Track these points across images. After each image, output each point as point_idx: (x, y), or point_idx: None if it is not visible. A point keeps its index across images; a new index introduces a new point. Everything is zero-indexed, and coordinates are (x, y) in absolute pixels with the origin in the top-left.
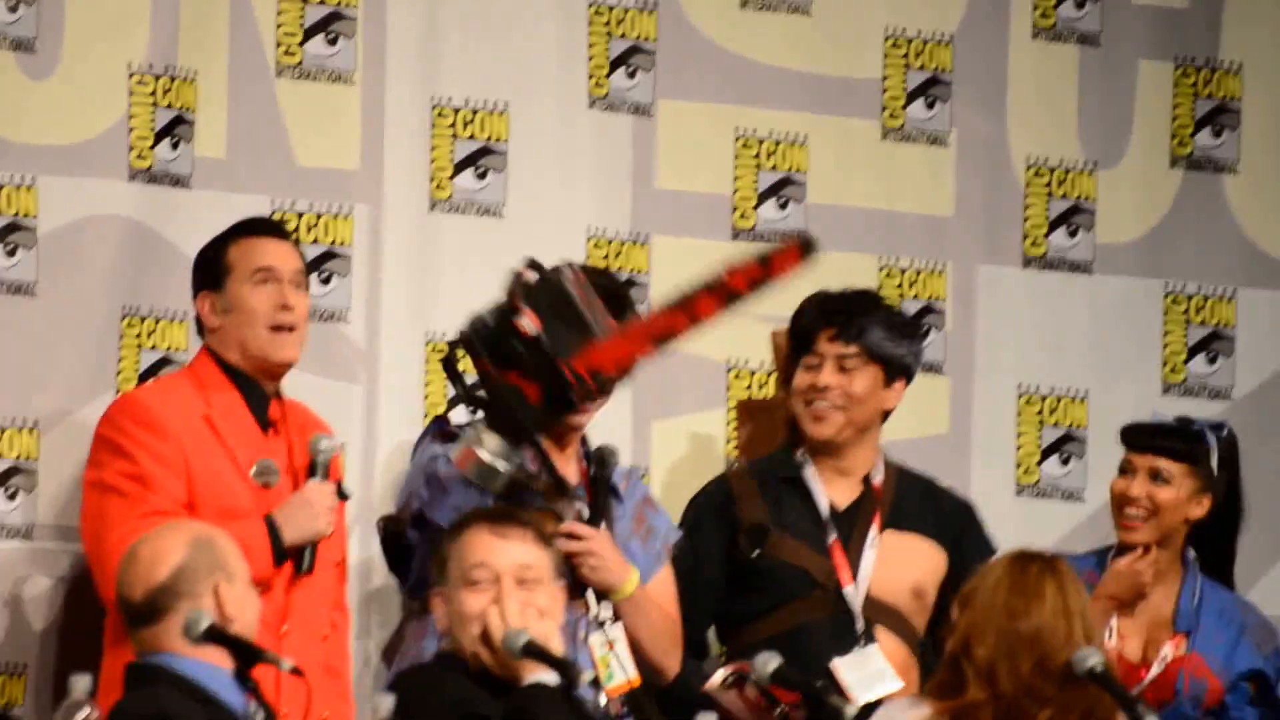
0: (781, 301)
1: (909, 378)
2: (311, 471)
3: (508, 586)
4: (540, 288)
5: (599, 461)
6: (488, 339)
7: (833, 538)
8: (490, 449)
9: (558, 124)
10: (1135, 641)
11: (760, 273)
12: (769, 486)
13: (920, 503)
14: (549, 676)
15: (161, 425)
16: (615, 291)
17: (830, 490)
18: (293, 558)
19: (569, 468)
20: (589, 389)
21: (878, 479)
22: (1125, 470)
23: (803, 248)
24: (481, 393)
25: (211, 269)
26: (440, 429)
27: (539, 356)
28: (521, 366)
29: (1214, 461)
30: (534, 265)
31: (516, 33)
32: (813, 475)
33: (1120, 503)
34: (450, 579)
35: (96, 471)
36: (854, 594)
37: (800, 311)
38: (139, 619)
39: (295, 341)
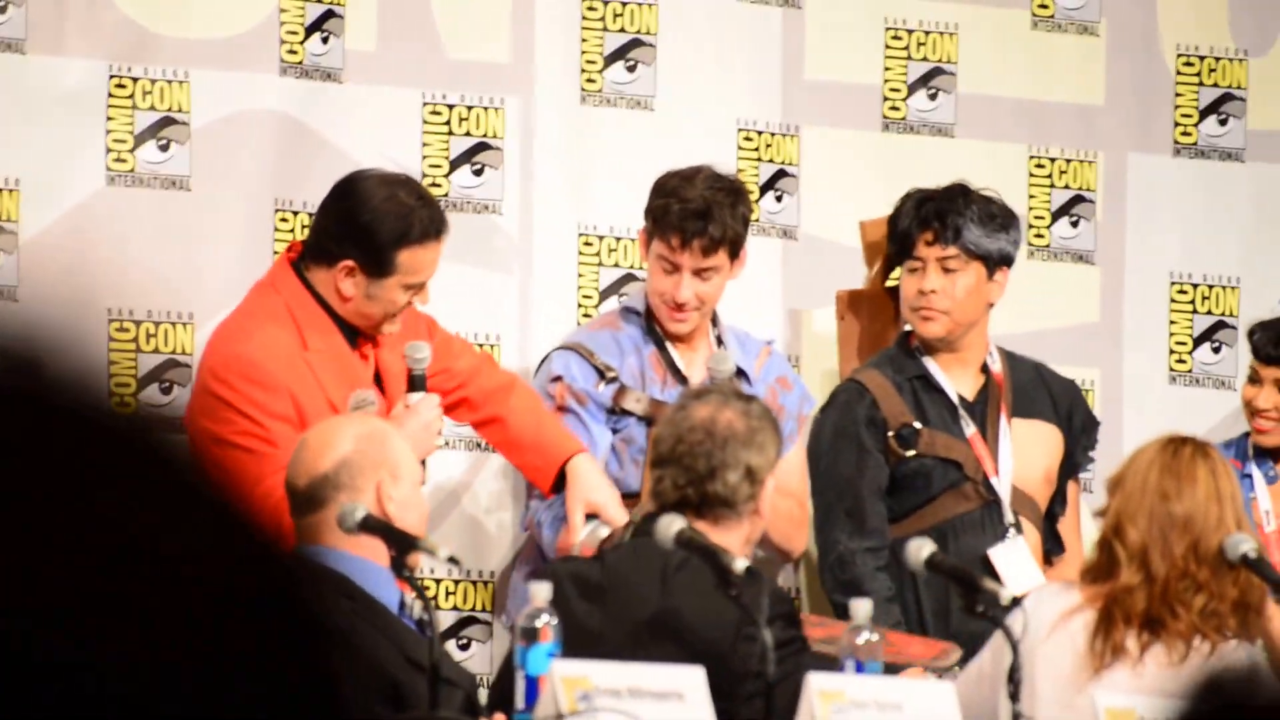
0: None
1: (1010, 264)
2: (411, 384)
3: None
4: None
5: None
6: None
7: (971, 430)
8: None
9: (707, 16)
10: None
11: None
12: (902, 386)
13: (1034, 385)
14: None
15: (273, 382)
16: None
17: (955, 382)
18: None
19: (694, 366)
20: None
21: (996, 367)
22: (1253, 379)
23: None
24: None
25: (376, 259)
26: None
27: None
28: None
29: None
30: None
31: None
32: (937, 370)
33: (1250, 409)
34: None
35: (215, 426)
36: (999, 484)
37: (896, 215)
38: (300, 508)
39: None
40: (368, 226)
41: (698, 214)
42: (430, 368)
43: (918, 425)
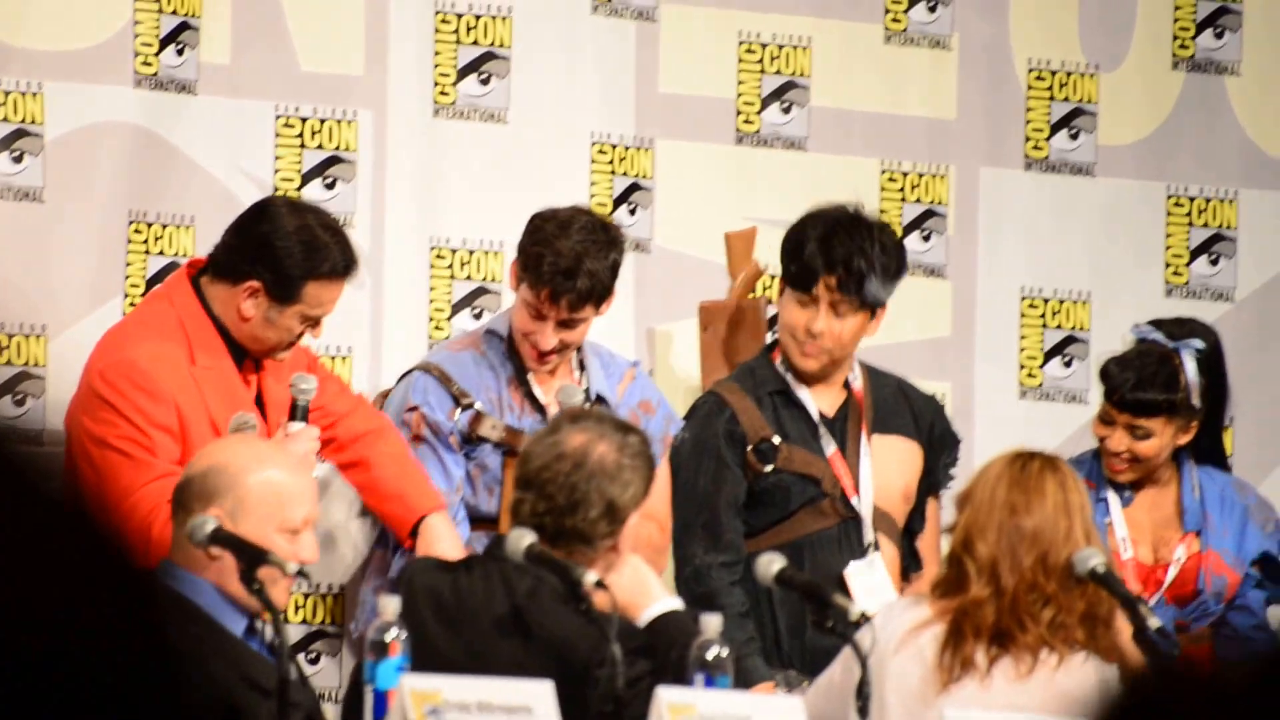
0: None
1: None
2: (293, 413)
3: None
4: None
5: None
6: None
7: (832, 448)
8: None
9: (561, 29)
10: (1145, 546)
11: None
12: (763, 400)
13: (895, 400)
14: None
15: (158, 390)
16: None
17: (816, 398)
18: None
19: (552, 394)
20: None
21: (857, 384)
22: (1105, 420)
23: None
24: None
25: (284, 285)
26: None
27: None
28: None
29: (1195, 398)
30: None
31: None
32: (798, 385)
33: (1102, 446)
34: None
35: (97, 427)
36: (860, 502)
37: (799, 241)
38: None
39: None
40: (281, 252)
41: (567, 272)
42: (310, 403)
43: (777, 440)
